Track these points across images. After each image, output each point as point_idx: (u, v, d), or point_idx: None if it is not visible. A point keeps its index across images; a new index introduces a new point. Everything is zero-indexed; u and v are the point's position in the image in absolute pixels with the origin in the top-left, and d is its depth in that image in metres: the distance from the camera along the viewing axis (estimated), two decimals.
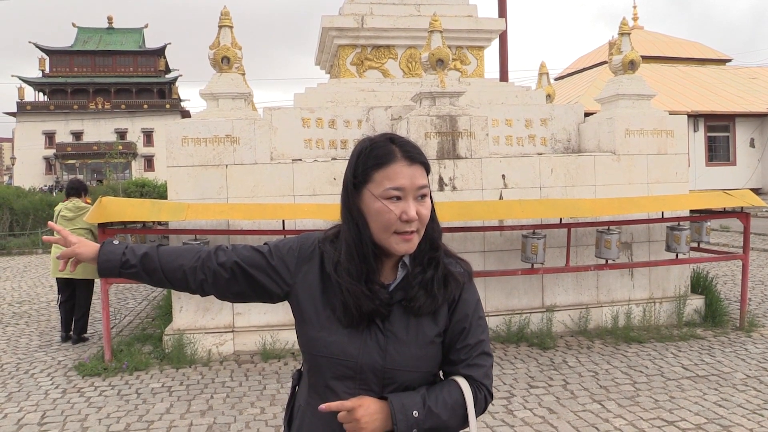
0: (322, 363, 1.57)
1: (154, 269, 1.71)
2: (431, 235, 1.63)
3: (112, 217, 5.90)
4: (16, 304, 9.65)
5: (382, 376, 1.54)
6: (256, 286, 1.68)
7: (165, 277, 1.72)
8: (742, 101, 24.41)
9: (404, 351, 1.55)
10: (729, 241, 14.29)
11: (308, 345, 1.60)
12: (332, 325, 1.56)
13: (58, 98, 57.76)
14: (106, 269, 1.72)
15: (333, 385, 1.56)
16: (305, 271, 1.64)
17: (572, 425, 4.52)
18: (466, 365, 1.63)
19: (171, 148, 6.46)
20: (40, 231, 18.02)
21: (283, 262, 1.66)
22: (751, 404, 4.81)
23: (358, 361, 1.54)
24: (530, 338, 6.64)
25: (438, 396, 1.55)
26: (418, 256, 1.60)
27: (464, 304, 1.64)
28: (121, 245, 1.75)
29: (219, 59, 6.72)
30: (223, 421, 4.73)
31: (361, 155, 1.57)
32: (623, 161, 7.18)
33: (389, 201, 1.51)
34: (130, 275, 1.73)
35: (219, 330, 6.47)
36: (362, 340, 1.55)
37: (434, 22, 6.93)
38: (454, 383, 1.61)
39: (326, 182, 6.63)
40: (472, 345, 1.63)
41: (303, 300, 1.62)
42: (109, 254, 1.72)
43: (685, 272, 7.45)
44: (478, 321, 1.66)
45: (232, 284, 1.69)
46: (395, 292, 1.59)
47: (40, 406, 5.15)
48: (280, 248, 1.69)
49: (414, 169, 1.53)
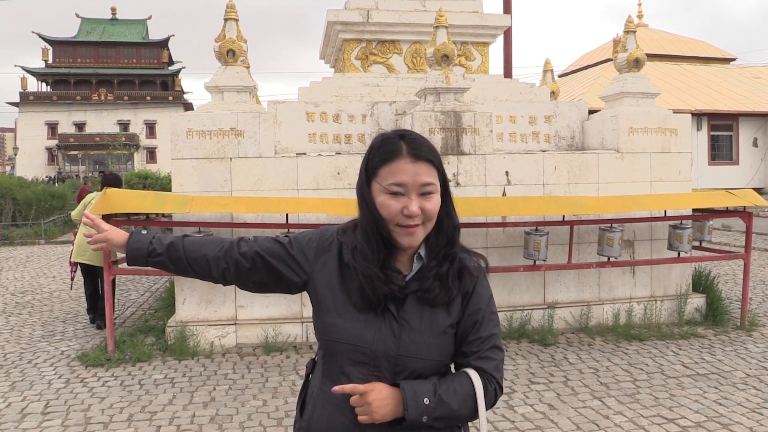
0: (338, 348, 1.62)
1: (178, 258, 1.80)
2: (449, 231, 1.67)
3: (117, 209, 5.92)
4: (19, 294, 9.68)
5: (395, 363, 1.58)
6: (275, 275, 1.74)
7: (189, 265, 1.80)
8: (746, 100, 24.36)
9: (417, 339, 1.59)
10: (731, 240, 14.29)
11: (324, 331, 1.66)
12: (349, 312, 1.62)
13: (61, 89, 57.77)
14: (134, 257, 1.81)
15: (347, 371, 1.60)
16: (324, 261, 1.69)
17: (572, 421, 4.54)
18: (477, 357, 1.67)
19: (176, 141, 6.47)
20: (42, 221, 18.05)
21: (303, 252, 1.72)
22: (750, 403, 4.83)
23: (372, 347, 1.58)
24: (531, 335, 6.66)
25: (449, 385, 1.59)
26: (435, 250, 1.65)
27: (478, 297, 1.68)
28: (149, 235, 1.84)
29: (224, 52, 6.73)
30: (226, 413, 4.76)
31: (372, 150, 1.63)
32: (627, 159, 7.19)
33: (392, 196, 1.57)
34: (156, 263, 1.81)
35: (221, 322, 6.50)
36: (377, 327, 1.59)
37: (440, 18, 6.92)
38: (465, 374, 1.65)
39: (330, 176, 6.64)
40: (484, 338, 1.67)
41: (321, 288, 1.68)
42: (138, 243, 1.81)
43: (686, 271, 7.46)
44: (490, 315, 1.70)
45: (252, 273, 1.75)
46: (411, 282, 1.63)
47: (43, 395, 5.18)
48: (299, 239, 1.75)
49: (418, 166, 1.57)
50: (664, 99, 20.52)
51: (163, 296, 8.76)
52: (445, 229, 1.66)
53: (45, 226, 17.77)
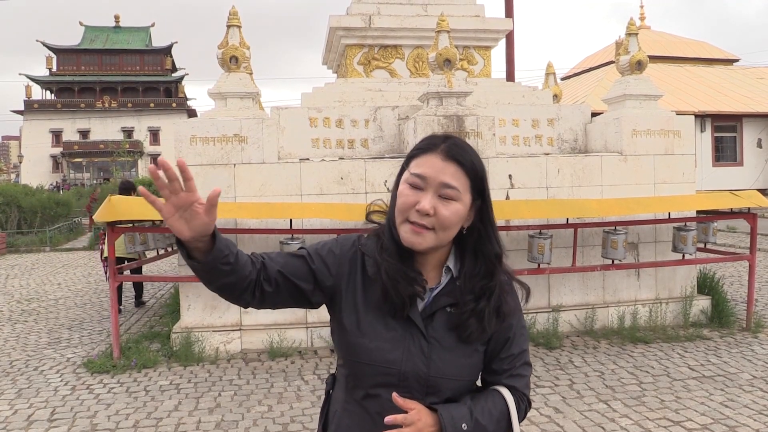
0: (364, 370, 1.52)
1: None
2: (490, 260, 1.56)
3: (121, 216, 5.95)
4: (24, 301, 9.71)
5: (426, 384, 1.50)
6: (298, 294, 1.57)
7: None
8: (750, 101, 24.30)
9: (448, 359, 1.51)
10: (736, 242, 14.25)
11: (348, 351, 1.54)
12: (374, 330, 1.51)
13: (65, 97, 58.05)
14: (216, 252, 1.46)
15: (376, 392, 1.51)
16: (346, 274, 1.57)
17: (578, 425, 4.53)
18: (509, 375, 1.61)
19: (179, 147, 6.49)
20: (47, 229, 18.11)
21: (325, 266, 1.57)
22: (757, 405, 4.81)
23: (401, 369, 1.49)
24: (536, 338, 6.65)
25: (484, 407, 1.53)
26: (470, 280, 1.54)
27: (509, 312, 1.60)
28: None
29: (227, 59, 6.76)
30: (231, 419, 4.77)
31: (415, 145, 1.56)
32: (630, 161, 7.18)
33: (410, 187, 1.49)
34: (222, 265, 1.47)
35: (226, 328, 6.51)
36: (405, 346, 1.50)
37: (441, 22, 6.94)
38: (498, 394, 1.59)
39: (333, 182, 6.65)
40: (516, 355, 1.62)
41: (344, 305, 1.56)
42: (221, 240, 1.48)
43: (691, 273, 7.44)
44: (521, 330, 1.64)
45: (275, 296, 1.55)
46: (439, 297, 1.54)
47: (49, 402, 5.20)
48: (319, 252, 1.60)
49: (446, 165, 1.47)
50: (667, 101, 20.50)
51: (168, 302, 8.79)
52: (485, 257, 1.55)
53: (50, 234, 17.82)
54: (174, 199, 1.30)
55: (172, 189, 1.29)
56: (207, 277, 1.44)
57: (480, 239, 1.56)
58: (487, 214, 1.55)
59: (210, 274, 1.42)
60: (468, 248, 1.57)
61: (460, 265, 1.57)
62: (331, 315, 1.62)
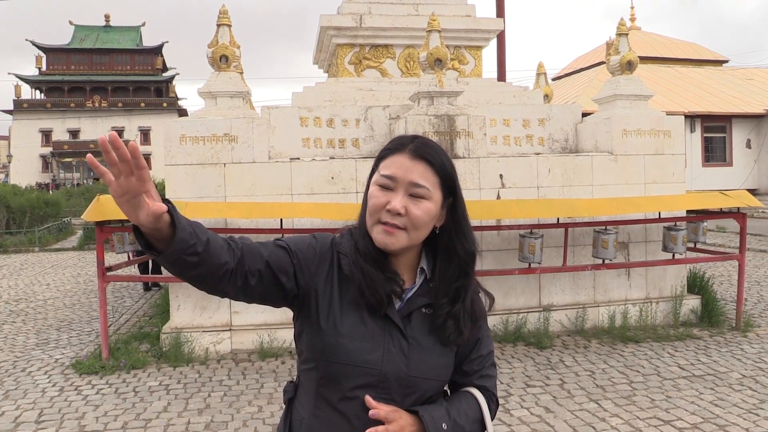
0: (342, 371, 1.47)
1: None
2: (463, 258, 1.56)
3: (110, 215, 5.90)
4: (12, 302, 9.63)
5: (405, 385, 1.49)
6: (277, 287, 1.50)
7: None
8: (739, 102, 24.49)
9: (427, 359, 1.51)
10: (725, 241, 14.33)
11: (324, 353, 1.48)
12: (353, 331, 1.48)
13: (54, 96, 57.67)
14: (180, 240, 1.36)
15: (354, 394, 1.47)
16: (324, 274, 1.53)
17: (569, 424, 4.54)
18: (479, 376, 1.64)
19: (169, 147, 6.45)
20: (36, 229, 17.98)
21: (306, 261, 1.52)
22: (746, 404, 4.83)
23: (382, 369, 1.47)
24: (527, 338, 6.65)
25: (459, 408, 1.56)
26: (446, 282, 1.54)
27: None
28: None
29: (217, 58, 6.72)
30: (221, 420, 4.74)
31: (385, 146, 1.57)
32: (620, 161, 7.20)
33: (380, 188, 1.48)
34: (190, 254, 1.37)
35: (216, 328, 6.47)
36: (386, 347, 1.48)
37: (432, 22, 6.94)
38: (471, 395, 1.61)
39: (324, 181, 6.63)
40: (485, 356, 1.65)
41: (321, 306, 1.51)
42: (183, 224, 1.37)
43: (681, 272, 7.47)
44: (487, 332, 1.67)
45: (257, 288, 1.48)
46: (415, 298, 1.54)
47: (37, 404, 5.15)
48: (299, 246, 1.55)
49: (415, 164, 1.47)
50: (657, 101, 20.61)
51: (158, 303, 8.74)
52: (458, 254, 1.55)
53: (39, 234, 17.69)
54: (123, 181, 1.21)
55: (123, 170, 1.20)
56: (173, 270, 1.36)
57: (453, 238, 1.55)
58: (460, 212, 1.55)
59: (175, 266, 1.34)
60: (440, 249, 1.57)
61: (432, 265, 1.57)
62: (300, 316, 1.56)
